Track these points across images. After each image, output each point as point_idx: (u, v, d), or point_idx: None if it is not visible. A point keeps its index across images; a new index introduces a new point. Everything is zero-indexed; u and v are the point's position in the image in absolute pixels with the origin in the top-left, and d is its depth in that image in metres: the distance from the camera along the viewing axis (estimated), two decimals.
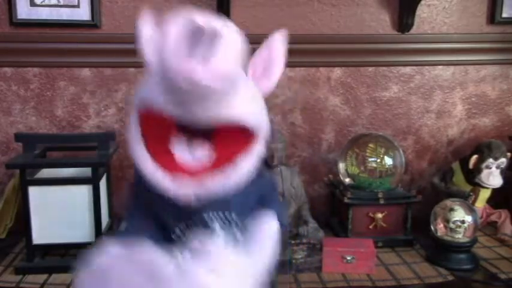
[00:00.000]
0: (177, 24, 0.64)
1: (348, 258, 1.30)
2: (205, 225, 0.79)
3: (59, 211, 1.29)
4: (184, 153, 0.74)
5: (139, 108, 0.73)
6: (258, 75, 0.79)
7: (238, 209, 0.81)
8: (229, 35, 0.65)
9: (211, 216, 0.79)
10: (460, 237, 1.37)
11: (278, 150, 1.42)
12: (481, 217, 1.58)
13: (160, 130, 0.72)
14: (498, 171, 1.56)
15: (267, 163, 1.42)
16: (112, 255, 0.68)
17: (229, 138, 0.73)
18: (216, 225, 0.79)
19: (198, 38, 0.63)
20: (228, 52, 0.64)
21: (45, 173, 1.37)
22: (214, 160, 0.73)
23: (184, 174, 0.71)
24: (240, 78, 0.70)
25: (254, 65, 0.79)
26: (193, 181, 0.71)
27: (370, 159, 1.56)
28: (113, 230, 1.48)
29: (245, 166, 0.74)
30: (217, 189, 0.72)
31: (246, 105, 0.72)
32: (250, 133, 0.74)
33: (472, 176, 1.57)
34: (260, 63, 0.79)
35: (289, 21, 1.61)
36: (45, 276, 1.27)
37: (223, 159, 0.73)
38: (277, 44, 0.80)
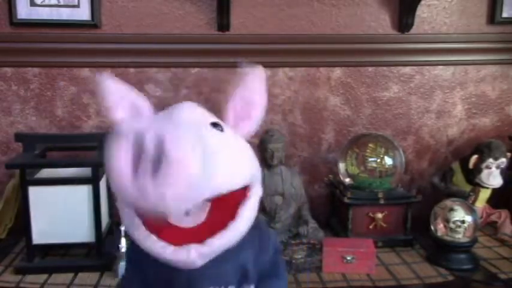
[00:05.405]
0: (125, 143, 0.63)
1: (348, 258, 1.30)
2: None
3: (59, 211, 1.29)
4: (181, 217, 0.69)
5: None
6: (238, 117, 0.74)
7: (237, 280, 0.78)
8: (176, 149, 0.60)
9: None
10: (460, 237, 1.37)
11: (278, 150, 1.42)
12: (481, 217, 1.58)
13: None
14: (498, 171, 1.55)
15: (267, 163, 1.42)
16: None
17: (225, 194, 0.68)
18: None
19: (145, 155, 0.60)
20: (176, 172, 0.59)
21: (45, 173, 1.37)
22: (213, 216, 0.70)
23: (183, 237, 0.68)
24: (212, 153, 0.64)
25: (234, 107, 0.75)
26: (195, 241, 0.67)
27: (370, 159, 1.57)
28: (112, 230, 1.48)
29: (246, 215, 0.71)
30: (220, 244, 0.68)
31: (231, 169, 0.67)
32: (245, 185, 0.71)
33: (472, 176, 1.57)
34: (240, 104, 0.74)
35: (289, 21, 1.61)
36: (45, 276, 1.27)
37: (221, 214, 0.70)
38: (256, 83, 0.75)
